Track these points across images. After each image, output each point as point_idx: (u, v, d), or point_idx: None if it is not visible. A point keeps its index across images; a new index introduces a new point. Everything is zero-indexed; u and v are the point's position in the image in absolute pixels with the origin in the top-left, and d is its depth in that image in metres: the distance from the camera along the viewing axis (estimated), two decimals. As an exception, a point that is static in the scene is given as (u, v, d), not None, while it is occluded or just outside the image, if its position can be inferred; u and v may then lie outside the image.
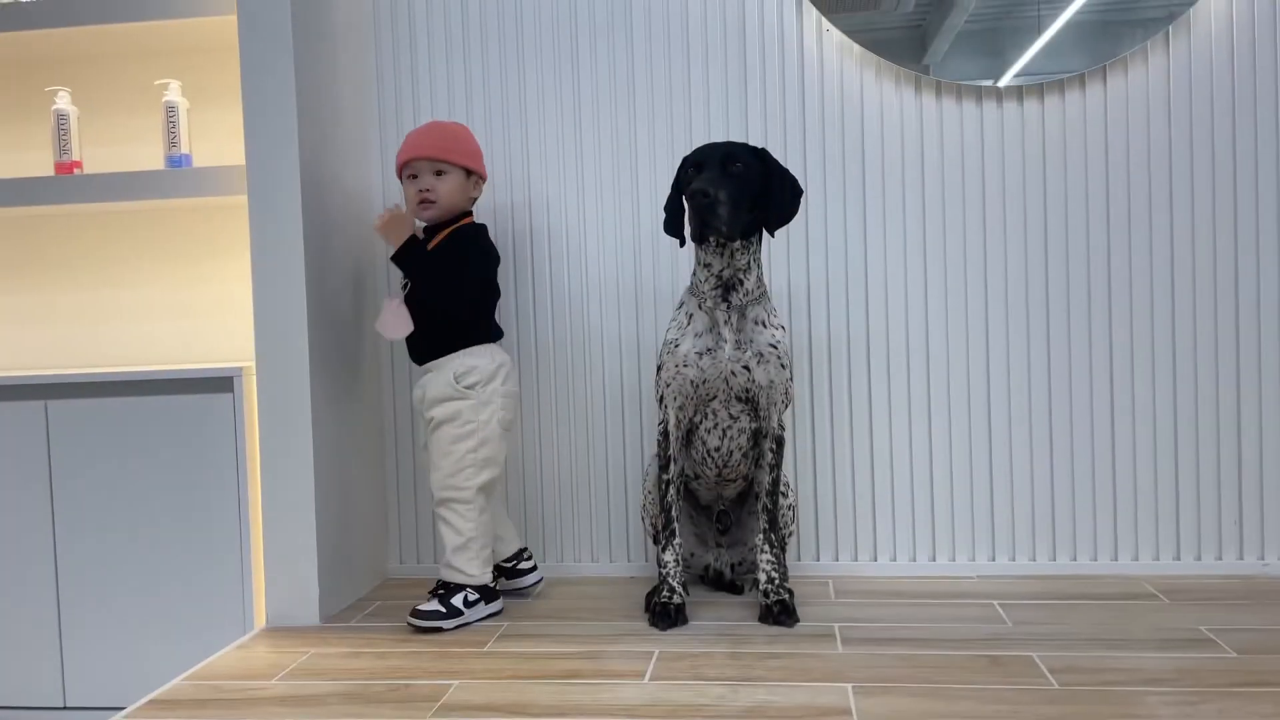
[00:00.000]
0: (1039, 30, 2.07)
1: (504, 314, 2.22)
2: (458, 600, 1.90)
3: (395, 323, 1.96)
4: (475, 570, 1.92)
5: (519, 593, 2.11)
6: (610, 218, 2.22)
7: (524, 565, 2.12)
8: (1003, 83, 2.09)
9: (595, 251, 2.22)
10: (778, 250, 2.16)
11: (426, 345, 1.98)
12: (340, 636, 1.87)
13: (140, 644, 2.11)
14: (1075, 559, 2.12)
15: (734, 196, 1.77)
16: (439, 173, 1.95)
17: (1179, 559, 2.10)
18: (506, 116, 2.24)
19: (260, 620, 2.05)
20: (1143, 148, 2.08)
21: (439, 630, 1.87)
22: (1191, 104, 2.06)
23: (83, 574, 2.12)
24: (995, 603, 1.92)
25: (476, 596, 1.93)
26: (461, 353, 1.96)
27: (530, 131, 2.23)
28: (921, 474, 2.16)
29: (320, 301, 2.00)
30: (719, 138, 2.17)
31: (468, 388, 1.93)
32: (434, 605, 1.89)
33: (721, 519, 2.07)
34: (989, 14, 2.08)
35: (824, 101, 2.15)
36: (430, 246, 1.97)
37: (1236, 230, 2.06)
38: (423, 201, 1.95)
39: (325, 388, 2.01)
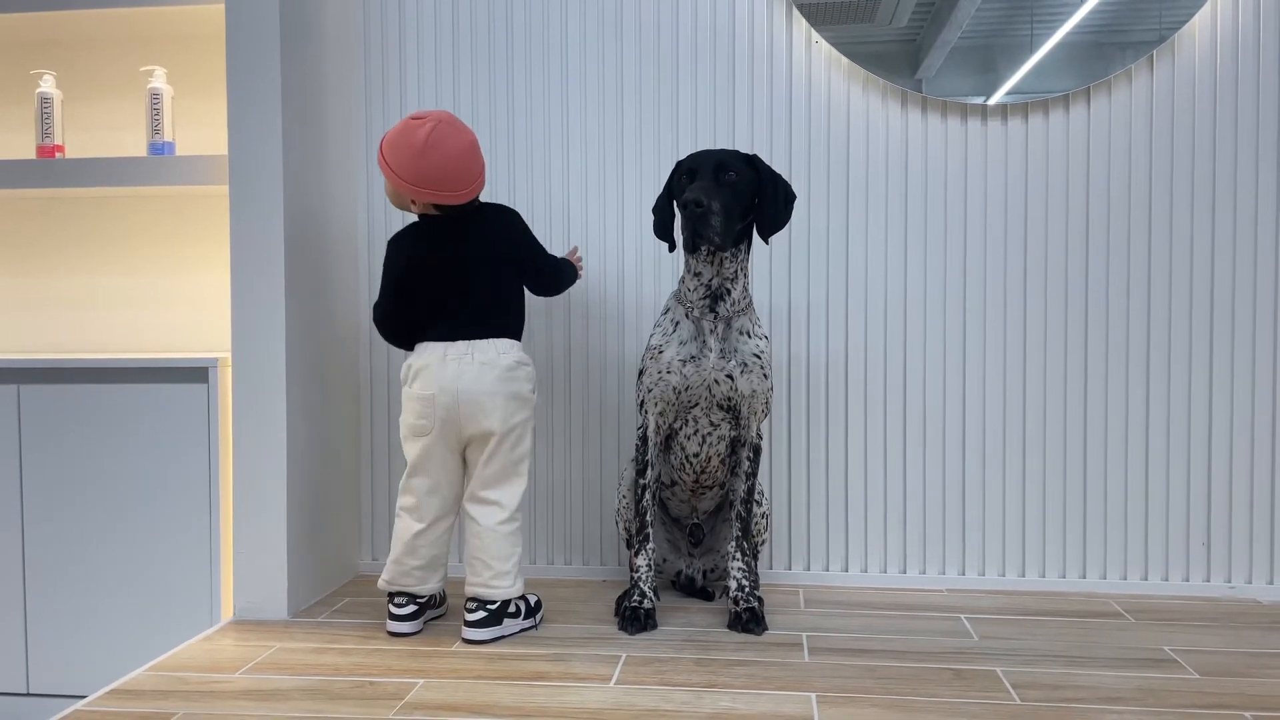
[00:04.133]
0: (1031, 49, 2.08)
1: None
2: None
3: None
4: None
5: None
6: (595, 226, 2.22)
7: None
8: (993, 100, 2.10)
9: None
10: (759, 261, 2.17)
11: None
12: (307, 631, 1.86)
13: (106, 632, 2.09)
14: (1044, 575, 2.14)
15: (726, 206, 1.77)
16: None
17: (1146, 579, 2.12)
18: (494, 126, 2.24)
19: (227, 612, 2.04)
20: (1124, 169, 2.10)
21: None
22: (1173, 127, 2.08)
23: (50, 560, 2.10)
24: (963, 616, 1.93)
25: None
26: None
27: (517, 142, 2.23)
28: (895, 486, 2.17)
29: (299, 295, 1.99)
30: (706, 146, 2.17)
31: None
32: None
33: (694, 533, 2.07)
34: (982, 31, 2.09)
35: (810, 113, 2.16)
36: None
37: (1214, 252, 2.08)
38: None
39: (301, 381, 2.00)
